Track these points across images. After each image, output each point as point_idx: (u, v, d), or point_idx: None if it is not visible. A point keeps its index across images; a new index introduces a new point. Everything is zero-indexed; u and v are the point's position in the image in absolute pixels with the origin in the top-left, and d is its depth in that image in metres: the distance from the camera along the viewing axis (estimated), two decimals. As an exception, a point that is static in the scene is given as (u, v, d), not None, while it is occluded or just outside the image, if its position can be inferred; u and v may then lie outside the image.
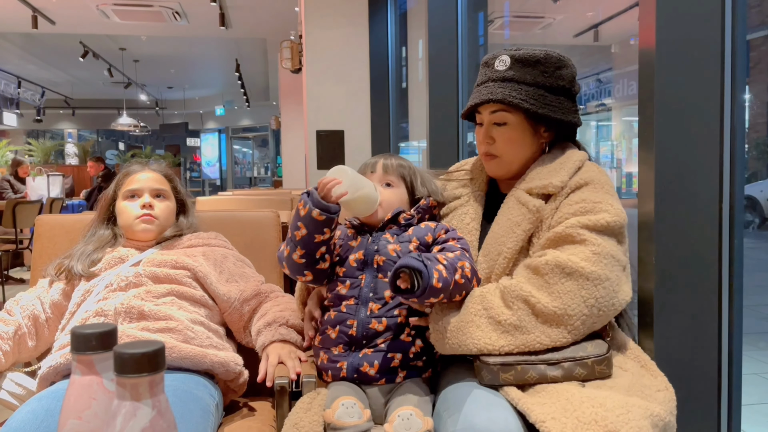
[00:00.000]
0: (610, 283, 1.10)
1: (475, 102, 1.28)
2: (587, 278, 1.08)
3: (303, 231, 1.22)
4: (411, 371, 1.22)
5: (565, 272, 1.09)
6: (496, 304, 1.12)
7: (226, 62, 11.53)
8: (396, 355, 1.20)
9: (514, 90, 1.24)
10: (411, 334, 1.22)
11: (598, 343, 1.11)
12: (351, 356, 1.22)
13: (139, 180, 1.53)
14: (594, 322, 1.10)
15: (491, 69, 1.29)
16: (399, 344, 1.22)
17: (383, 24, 4.44)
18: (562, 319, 1.08)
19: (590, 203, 1.16)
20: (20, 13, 6.91)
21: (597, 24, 8.26)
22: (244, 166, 19.71)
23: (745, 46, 1.32)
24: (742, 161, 1.31)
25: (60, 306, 1.44)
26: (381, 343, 1.22)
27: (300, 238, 1.22)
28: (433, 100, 2.64)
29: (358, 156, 4.35)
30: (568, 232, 1.13)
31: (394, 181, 1.35)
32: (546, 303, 1.08)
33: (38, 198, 6.14)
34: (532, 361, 1.07)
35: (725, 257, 1.30)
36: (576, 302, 1.08)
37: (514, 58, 1.26)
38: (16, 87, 12.60)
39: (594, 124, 14.25)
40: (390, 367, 1.20)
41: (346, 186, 1.22)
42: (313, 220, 1.20)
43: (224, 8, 6.91)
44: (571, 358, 1.07)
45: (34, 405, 1.12)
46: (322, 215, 1.20)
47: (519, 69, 1.25)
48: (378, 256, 1.26)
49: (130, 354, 0.53)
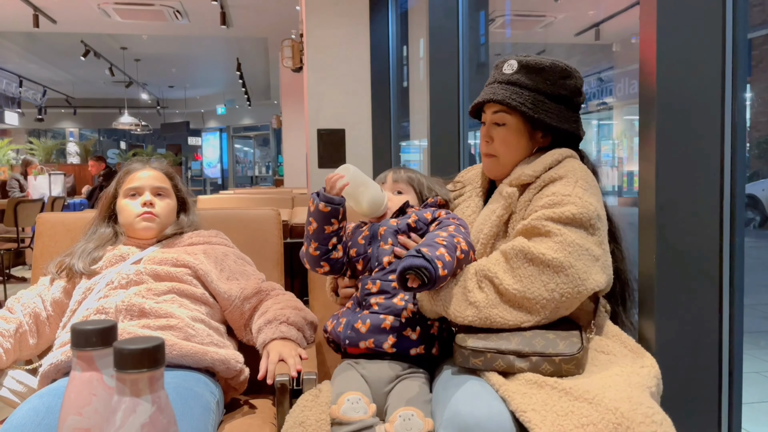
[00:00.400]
0: (574, 271, 1.12)
1: (479, 100, 1.35)
2: (548, 265, 1.12)
3: (314, 225, 1.35)
4: (401, 340, 1.26)
5: (528, 258, 1.14)
6: (469, 283, 1.18)
7: (227, 61, 11.53)
8: (387, 317, 1.28)
9: (515, 93, 1.31)
10: (404, 299, 1.30)
11: (572, 342, 1.11)
12: (351, 314, 1.33)
13: (140, 178, 1.54)
14: (557, 307, 1.13)
15: (499, 71, 1.36)
16: (391, 306, 1.30)
17: (384, 23, 4.44)
18: (523, 302, 1.13)
19: (559, 196, 1.20)
20: (22, 12, 6.91)
21: (598, 23, 8.26)
22: (246, 165, 19.72)
23: (747, 45, 1.32)
24: (743, 160, 1.31)
25: (61, 304, 1.44)
26: (374, 304, 1.31)
27: (312, 232, 1.35)
28: (434, 99, 2.64)
29: (359, 155, 4.35)
30: (533, 224, 1.18)
31: (404, 189, 1.47)
32: (508, 285, 1.14)
33: (40, 197, 6.15)
34: (502, 351, 1.11)
35: (726, 255, 1.30)
36: (536, 286, 1.12)
37: (521, 64, 1.33)
38: (17, 86, 12.62)
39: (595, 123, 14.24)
40: (380, 327, 1.27)
41: (348, 179, 1.34)
42: (321, 212, 1.33)
43: (225, 7, 6.91)
44: (540, 353, 1.10)
45: (35, 402, 1.12)
46: (327, 207, 1.33)
47: (524, 74, 1.32)
48: (380, 228, 1.38)
49: (129, 350, 0.53)
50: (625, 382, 1.04)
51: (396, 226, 1.37)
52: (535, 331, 1.14)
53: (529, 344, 1.11)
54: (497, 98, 1.30)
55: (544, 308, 1.13)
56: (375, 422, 1.12)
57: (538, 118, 1.30)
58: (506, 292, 1.14)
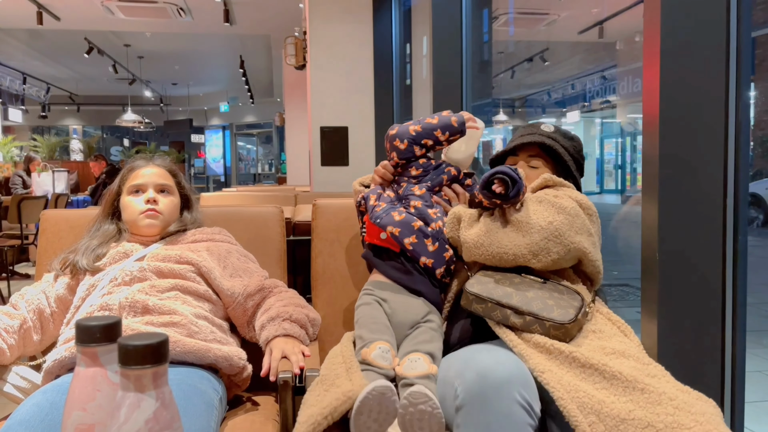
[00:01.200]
0: (572, 221, 1.26)
1: (528, 141, 1.52)
2: (552, 204, 1.28)
3: (433, 122, 1.52)
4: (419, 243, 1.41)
5: (539, 200, 1.31)
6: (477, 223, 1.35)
7: (230, 58, 11.53)
8: (419, 220, 1.44)
9: (558, 145, 1.50)
10: (436, 214, 1.46)
11: (566, 312, 1.19)
12: (390, 204, 1.50)
13: (144, 175, 1.54)
14: (549, 241, 1.24)
15: (538, 128, 1.57)
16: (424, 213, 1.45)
17: (387, 20, 4.44)
18: (523, 225, 1.25)
19: (576, 193, 1.37)
20: (25, 9, 6.92)
21: (602, 21, 8.24)
22: (248, 163, 19.72)
23: (751, 44, 1.31)
24: (747, 158, 1.31)
25: (65, 300, 1.45)
26: (413, 206, 1.47)
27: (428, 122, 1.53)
28: (437, 97, 2.64)
29: (362, 152, 4.35)
30: (555, 193, 1.36)
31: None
32: (513, 214, 1.29)
33: (43, 194, 6.17)
34: (501, 304, 1.22)
35: (729, 254, 1.30)
36: (538, 217, 1.26)
37: (556, 128, 1.57)
38: (21, 83, 12.64)
39: (598, 122, 14.20)
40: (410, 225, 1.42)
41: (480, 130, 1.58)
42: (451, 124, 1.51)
43: (228, 4, 6.91)
44: (534, 314, 1.19)
45: (38, 398, 1.12)
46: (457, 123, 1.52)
47: (560, 137, 1.53)
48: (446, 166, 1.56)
49: (134, 346, 0.54)
50: (622, 354, 1.13)
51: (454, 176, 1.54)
52: (537, 293, 1.23)
53: (527, 304, 1.20)
54: (548, 143, 1.48)
55: (540, 237, 1.24)
56: (393, 375, 1.23)
57: (569, 169, 1.50)
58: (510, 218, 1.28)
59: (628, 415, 0.99)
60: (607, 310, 1.31)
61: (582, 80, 12.50)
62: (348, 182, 1.61)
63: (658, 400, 1.01)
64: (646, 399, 1.01)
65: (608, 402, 1.01)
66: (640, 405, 1.01)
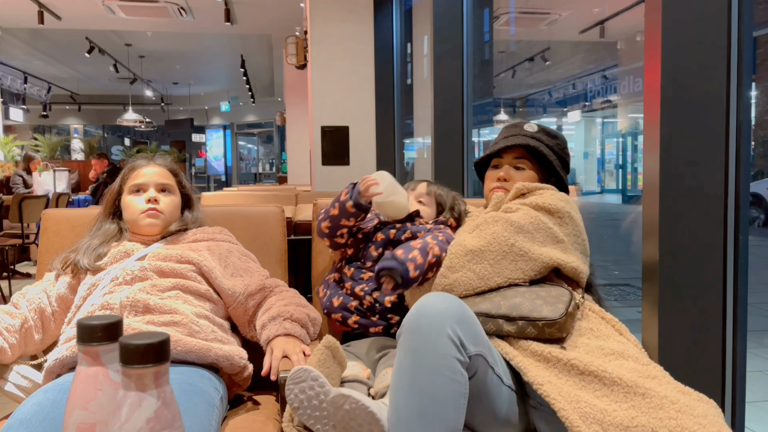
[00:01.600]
0: (531, 236, 1.30)
1: (511, 144, 1.51)
2: (511, 224, 1.31)
3: (335, 211, 1.52)
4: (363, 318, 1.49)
5: (494, 220, 1.34)
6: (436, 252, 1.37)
7: (231, 58, 11.53)
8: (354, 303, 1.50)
9: (542, 146, 1.50)
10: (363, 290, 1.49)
11: (556, 308, 1.19)
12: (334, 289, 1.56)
13: (145, 174, 1.54)
14: (514, 260, 1.28)
15: (521, 129, 1.56)
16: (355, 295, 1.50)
17: (388, 20, 4.44)
18: (484, 254, 1.29)
19: (545, 197, 1.38)
20: (26, 9, 6.93)
21: (603, 20, 8.23)
22: (249, 162, 19.72)
23: (752, 43, 1.31)
24: (748, 158, 1.30)
25: (66, 299, 1.45)
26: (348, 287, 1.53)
27: (331, 215, 1.53)
28: (438, 96, 2.64)
29: (362, 152, 4.35)
30: (508, 206, 1.40)
31: (428, 202, 1.62)
32: (472, 243, 1.31)
33: (44, 193, 6.17)
34: (492, 315, 1.22)
35: (730, 254, 1.30)
36: (497, 239, 1.29)
37: (540, 127, 1.55)
38: (22, 82, 12.65)
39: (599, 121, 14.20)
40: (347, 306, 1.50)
41: (382, 188, 1.46)
42: (346, 209, 1.50)
43: (229, 4, 6.91)
44: (525, 317, 1.19)
45: (39, 397, 1.12)
46: (353, 208, 1.49)
47: (544, 136, 1.53)
48: (378, 234, 1.55)
49: (135, 345, 0.54)
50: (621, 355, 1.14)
51: (392, 240, 1.52)
52: (524, 296, 1.23)
53: (517, 309, 1.21)
54: (533, 144, 1.48)
55: (504, 258, 1.28)
56: (369, 383, 1.28)
57: (554, 170, 1.50)
58: (470, 247, 1.30)
59: (631, 422, 0.98)
60: (599, 308, 1.32)
61: (583, 80, 12.49)
62: (349, 181, 1.61)
63: (660, 404, 1.01)
64: (648, 404, 1.01)
65: (610, 410, 1.01)
66: (643, 411, 1.00)
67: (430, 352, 1.04)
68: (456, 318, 1.07)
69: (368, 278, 1.50)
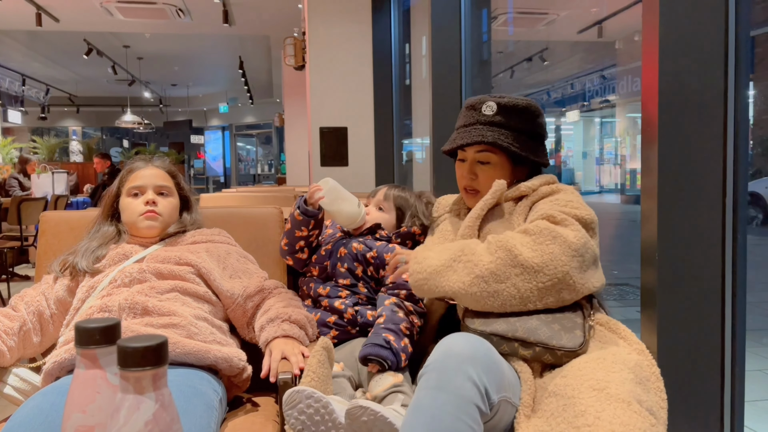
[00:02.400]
0: (583, 261, 1.18)
1: (466, 141, 1.39)
2: (570, 246, 1.17)
3: (288, 225, 1.57)
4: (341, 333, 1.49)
5: (553, 236, 1.18)
6: (478, 251, 1.22)
7: (229, 59, 11.53)
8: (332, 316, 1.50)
9: (502, 134, 1.39)
10: (344, 303, 1.49)
11: (575, 336, 1.16)
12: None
13: (143, 176, 1.54)
14: (562, 290, 1.17)
15: (478, 113, 1.42)
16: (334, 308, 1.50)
17: (386, 20, 4.44)
18: (537, 275, 1.16)
19: (563, 201, 1.29)
20: (24, 11, 6.92)
21: (601, 20, 8.24)
22: (248, 163, 19.72)
23: (749, 42, 1.31)
24: (746, 157, 1.30)
25: (64, 302, 1.45)
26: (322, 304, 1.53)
27: (287, 230, 1.58)
28: (437, 97, 2.64)
29: (361, 153, 4.35)
30: (550, 213, 1.24)
31: (387, 208, 1.62)
32: (528, 256, 1.17)
33: (43, 195, 6.16)
34: (508, 337, 1.17)
35: (728, 253, 1.30)
36: (555, 263, 1.16)
37: (500, 105, 1.40)
38: (20, 84, 12.64)
39: (598, 121, 14.20)
40: (325, 321, 1.50)
41: (324, 193, 1.49)
42: (295, 218, 1.53)
43: (227, 5, 6.91)
44: (544, 344, 1.15)
45: (38, 400, 1.12)
46: (301, 216, 1.52)
47: (505, 115, 1.39)
48: (341, 248, 1.54)
49: (133, 348, 0.54)
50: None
51: (356, 254, 1.52)
52: (540, 319, 1.17)
53: (534, 334, 1.16)
54: (488, 140, 1.37)
55: (553, 287, 1.16)
56: (347, 374, 1.32)
57: (525, 156, 1.39)
58: (525, 263, 1.16)
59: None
60: (606, 319, 1.28)
61: (581, 80, 12.50)
62: (347, 182, 1.62)
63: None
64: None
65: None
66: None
67: (453, 396, 1.00)
68: (483, 365, 1.03)
69: (346, 295, 1.50)
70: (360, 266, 1.53)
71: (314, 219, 1.51)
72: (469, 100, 1.45)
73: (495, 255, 1.19)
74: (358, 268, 1.52)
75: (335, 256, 1.54)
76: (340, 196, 1.52)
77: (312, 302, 1.56)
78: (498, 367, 1.08)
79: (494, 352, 1.09)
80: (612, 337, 1.22)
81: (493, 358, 1.08)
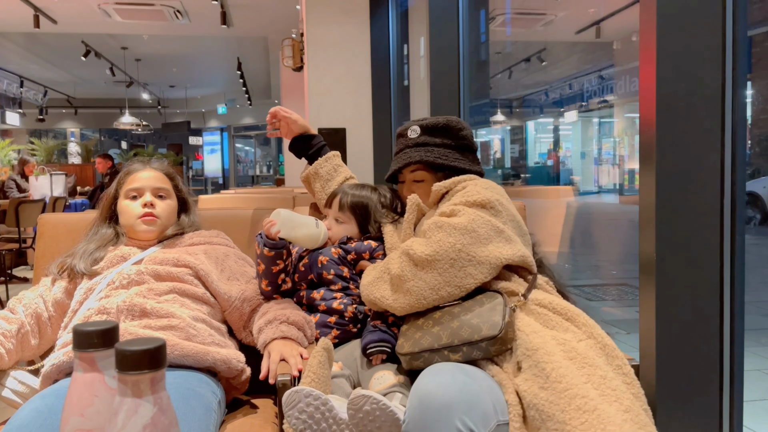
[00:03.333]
0: (477, 235, 1.26)
1: (398, 166, 1.55)
2: (454, 227, 1.27)
3: (262, 266, 1.49)
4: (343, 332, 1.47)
5: (438, 225, 1.29)
6: (391, 262, 1.33)
7: (227, 61, 11.53)
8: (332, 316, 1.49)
9: (428, 152, 1.53)
10: (343, 302, 1.48)
11: (494, 323, 1.17)
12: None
13: (141, 179, 1.54)
14: (464, 266, 1.25)
15: (406, 138, 1.58)
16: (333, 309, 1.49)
17: (384, 21, 4.44)
18: (433, 263, 1.24)
19: (461, 194, 1.38)
20: (22, 13, 6.92)
21: (599, 20, 8.25)
22: (246, 165, 19.71)
23: (747, 42, 1.31)
24: (744, 157, 1.31)
25: (62, 304, 1.45)
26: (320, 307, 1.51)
27: (262, 272, 1.49)
28: (435, 98, 2.64)
29: (360, 154, 4.35)
30: (443, 210, 1.36)
31: (345, 218, 1.61)
32: (419, 251, 1.26)
33: (41, 197, 6.16)
34: (435, 349, 1.19)
35: (727, 253, 1.30)
36: (444, 247, 1.24)
37: (422, 127, 1.56)
38: (18, 86, 12.63)
39: (596, 121, 14.21)
40: (326, 322, 1.49)
41: (279, 226, 1.46)
42: (266, 256, 1.47)
43: (225, 7, 6.91)
44: (467, 342, 1.17)
45: (37, 403, 1.12)
46: (270, 251, 1.46)
47: (428, 135, 1.54)
48: (321, 257, 1.53)
49: (131, 351, 0.54)
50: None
51: (337, 258, 1.53)
52: (460, 318, 1.21)
53: (457, 335, 1.18)
54: (415, 160, 1.51)
55: (452, 266, 1.24)
56: (345, 374, 1.32)
57: (452, 165, 1.52)
58: (417, 257, 1.26)
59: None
60: (550, 299, 1.27)
61: (579, 80, 12.51)
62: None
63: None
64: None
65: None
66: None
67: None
68: (463, 408, 1.03)
69: (341, 296, 1.50)
70: (345, 268, 1.52)
71: (285, 249, 1.49)
72: (398, 129, 1.62)
73: (399, 260, 1.29)
74: (344, 271, 1.52)
75: (317, 267, 1.53)
76: (295, 223, 1.50)
77: (308, 308, 1.54)
78: (477, 399, 1.06)
79: (469, 385, 1.08)
80: (557, 319, 1.22)
81: (470, 392, 1.06)
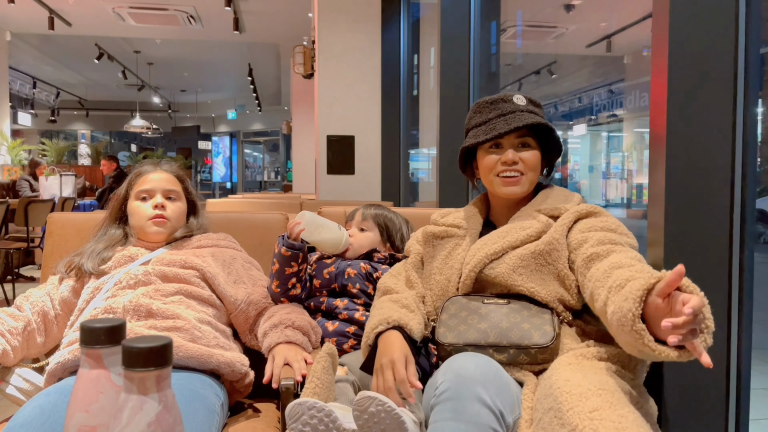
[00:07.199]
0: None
1: (516, 125, 1.32)
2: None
3: (276, 266, 1.51)
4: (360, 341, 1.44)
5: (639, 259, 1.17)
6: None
7: (238, 66, 11.60)
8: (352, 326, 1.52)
9: (540, 118, 1.36)
10: (365, 314, 1.50)
11: (545, 332, 1.16)
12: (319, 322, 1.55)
13: (151, 180, 1.55)
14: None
15: (512, 103, 1.38)
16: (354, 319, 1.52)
17: (396, 31, 4.46)
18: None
19: (614, 224, 1.29)
20: (37, 14, 7.00)
21: (610, 34, 8.25)
22: (255, 170, 19.77)
23: (759, 60, 1.31)
24: (754, 174, 1.30)
25: (69, 303, 1.45)
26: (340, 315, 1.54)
27: (275, 272, 1.51)
28: (444, 108, 2.64)
29: (368, 162, 4.36)
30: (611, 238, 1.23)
31: (369, 227, 1.67)
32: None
33: (51, 197, 6.19)
34: (481, 345, 1.18)
35: (735, 270, 1.29)
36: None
37: (527, 98, 1.41)
38: (31, 87, 12.75)
39: (605, 135, 14.20)
40: (345, 331, 1.51)
41: (304, 225, 1.50)
42: (282, 256, 1.49)
43: (238, 13, 6.96)
44: (516, 345, 1.16)
45: (41, 400, 1.13)
46: (288, 251, 1.49)
47: (534, 107, 1.40)
48: (349, 269, 1.56)
49: (138, 348, 0.54)
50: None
51: (365, 273, 1.56)
52: (508, 319, 1.19)
53: (506, 337, 1.17)
54: (535, 121, 1.32)
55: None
56: (350, 379, 1.31)
57: (555, 143, 1.39)
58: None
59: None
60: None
61: (589, 93, 12.50)
62: (354, 190, 1.64)
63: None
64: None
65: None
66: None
67: (471, 425, 1.01)
68: (495, 387, 1.05)
69: (363, 310, 1.52)
70: (371, 285, 1.56)
71: (301, 252, 1.50)
72: (489, 97, 1.41)
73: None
74: (369, 287, 1.56)
75: (343, 277, 1.56)
76: (318, 225, 1.54)
77: (324, 315, 1.56)
78: (508, 387, 1.08)
79: (502, 372, 1.09)
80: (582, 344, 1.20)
81: (503, 378, 1.08)
